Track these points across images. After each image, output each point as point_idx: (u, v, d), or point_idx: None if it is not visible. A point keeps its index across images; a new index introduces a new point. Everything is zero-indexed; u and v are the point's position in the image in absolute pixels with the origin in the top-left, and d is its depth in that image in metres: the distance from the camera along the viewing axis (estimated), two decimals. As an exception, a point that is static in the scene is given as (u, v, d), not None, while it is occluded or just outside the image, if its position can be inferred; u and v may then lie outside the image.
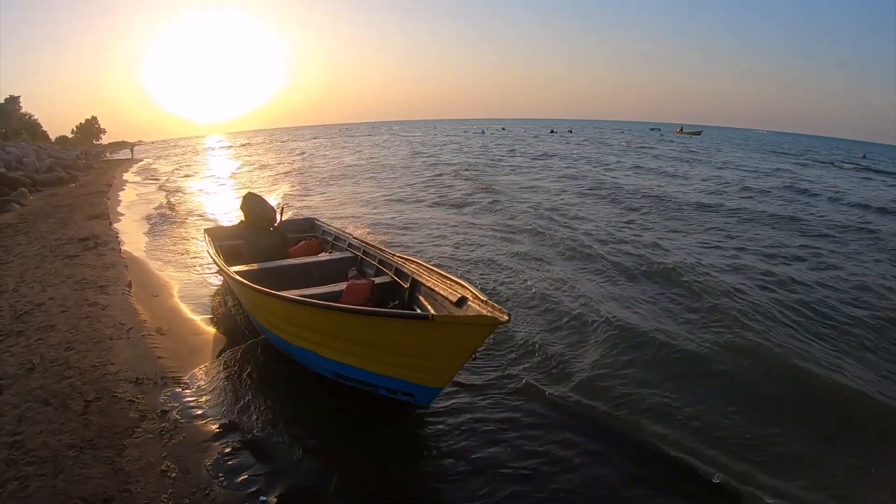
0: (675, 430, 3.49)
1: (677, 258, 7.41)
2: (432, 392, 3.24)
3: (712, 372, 4.29)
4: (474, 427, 3.51)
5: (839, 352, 4.76)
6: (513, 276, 6.78)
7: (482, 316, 2.94)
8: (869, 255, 8.31)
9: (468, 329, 2.83)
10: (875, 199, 15.20)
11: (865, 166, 30.77)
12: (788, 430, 3.55)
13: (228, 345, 4.75)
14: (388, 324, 3.06)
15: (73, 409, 3.50)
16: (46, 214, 12.01)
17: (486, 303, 3.24)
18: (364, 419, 3.56)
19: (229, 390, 3.93)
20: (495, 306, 3.10)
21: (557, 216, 11.11)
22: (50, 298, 5.72)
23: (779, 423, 3.63)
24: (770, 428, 3.56)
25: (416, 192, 15.43)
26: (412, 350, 3.04)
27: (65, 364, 4.14)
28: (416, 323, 2.93)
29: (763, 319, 5.27)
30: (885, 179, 23.20)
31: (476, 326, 2.83)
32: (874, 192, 17.70)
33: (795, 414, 3.76)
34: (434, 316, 2.84)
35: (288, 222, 7.68)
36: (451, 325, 2.85)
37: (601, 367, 4.29)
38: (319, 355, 3.66)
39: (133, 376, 3.99)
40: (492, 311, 3.05)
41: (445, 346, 2.91)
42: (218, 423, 3.47)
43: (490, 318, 2.83)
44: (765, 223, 10.76)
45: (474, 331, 2.84)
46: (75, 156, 35.33)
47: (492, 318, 2.82)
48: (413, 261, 4.87)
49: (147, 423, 3.41)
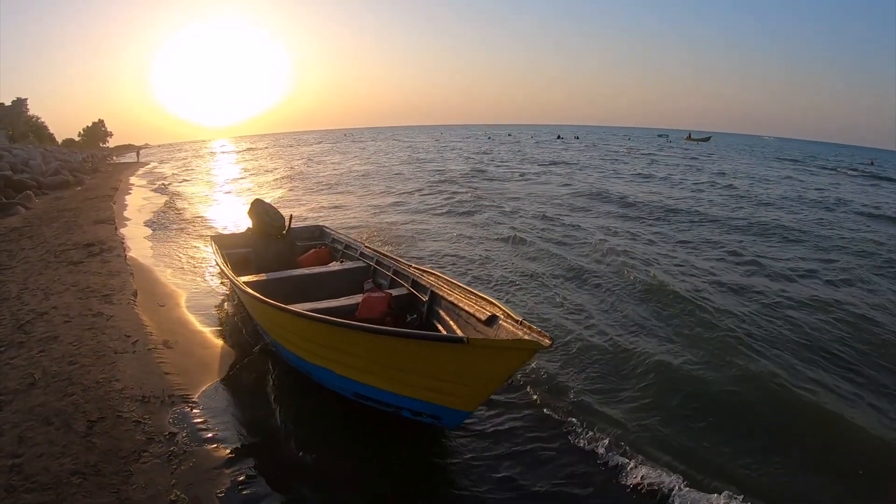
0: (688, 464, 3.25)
1: (688, 278, 7.17)
2: (461, 415, 3.03)
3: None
4: (502, 452, 3.30)
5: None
6: (524, 291, 6.56)
7: (522, 340, 2.72)
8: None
9: (507, 353, 2.61)
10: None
11: (872, 173, 30.31)
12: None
13: (238, 359, 4.56)
14: (417, 346, 2.85)
15: (75, 430, 3.30)
16: (51, 218, 11.88)
17: (521, 323, 3.01)
18: (385, 440, 3.36)
19: (241, 411, 3.73)
20: (533, 327, 2.87)
21: (559, 227, 10.78)
22: (53, 307, 5.54)
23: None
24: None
25: (414, 199, 15.25)
26: (443, 373, 2.82)
27: (67, 379, 3.95)
28: (450, 346, 2.71)
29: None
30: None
31: (515, 351, 2.61)
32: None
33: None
34: (470, 339, 2.60)
35: (296, 230, 7.49)
36: (488, 349, 2.63)
37: (628, 400, 4.02)
38: (338, 374, 3.46)
39: (139, 394, 3.79)
40: (530, 334, 2.82)
41: (480, 370, 2.70)
42: (230, 448, 3.26)
43: (531, 343, 2.60)
44: (774, 234, 10.39)
45: (513, 355, 2.63)
46: (81, 159, 35.31)
47: (533, 343, 2.59)
48: (431, 273, 4.66)
49: (154, 446, 3.20)
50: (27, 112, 62.17)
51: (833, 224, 11.90)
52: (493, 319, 3.33)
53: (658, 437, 3.49)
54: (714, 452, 3.35)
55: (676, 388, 4.11)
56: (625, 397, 4.03)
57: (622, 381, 4.28)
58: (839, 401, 4.04)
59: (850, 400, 4.08)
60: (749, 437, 3.55)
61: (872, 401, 4.08)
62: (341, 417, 3.62)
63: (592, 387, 4.16)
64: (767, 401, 4.00)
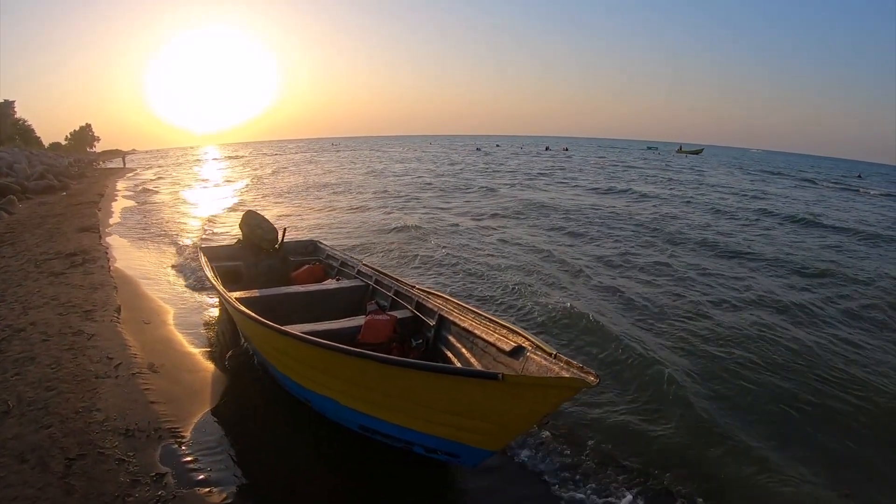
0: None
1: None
2: (483, 454, 2.74)
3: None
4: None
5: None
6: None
7: (564, 378, 2.40)
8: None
9: (546, 392, 2.33)
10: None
11: (858, 188, 30.47)
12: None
13: (231, 385, 4.26)
14: (442, 380, 2.58)
15: (52, 470, 2.98)
16: (34, 225, 11.47)
17: (555, 357, 2.71)
18: (396, 476, 3.11)
19: (235, 446, 3.42)
20: (572, 362, 2.56)
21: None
22: (31, 324, 5.19)
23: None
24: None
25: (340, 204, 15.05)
26: (469, 410, 2.54)
27: (44, 408, 3.62)
28: (481, 382, 2.42)
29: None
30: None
31: (556, 389, 2.32)
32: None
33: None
34: (505, 376, 2.30)
35: (289, 244, 7.22)
36: (524, 387, 2.34)
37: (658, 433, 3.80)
38: (342, 405, 3.18)
39: (122, 426, 3.47)
40: (570, 370, 2.53)
41: (513, 408, 2.41)
42: (225, 492, 2.95)
43: (576, 381, 2.29)
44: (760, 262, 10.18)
45: (553, 394, 2.33)
46: (67, 163, 34.72)
47: (578, 381, 2.28)
48: (438, 294, 4.40)
49: (140, 489, 2.88)
50: (14, 114, 61.21)
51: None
52: (519, 351, 3.04)
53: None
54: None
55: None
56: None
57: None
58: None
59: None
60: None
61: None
62: (345, 453, 3.34)
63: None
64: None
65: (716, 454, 3.53)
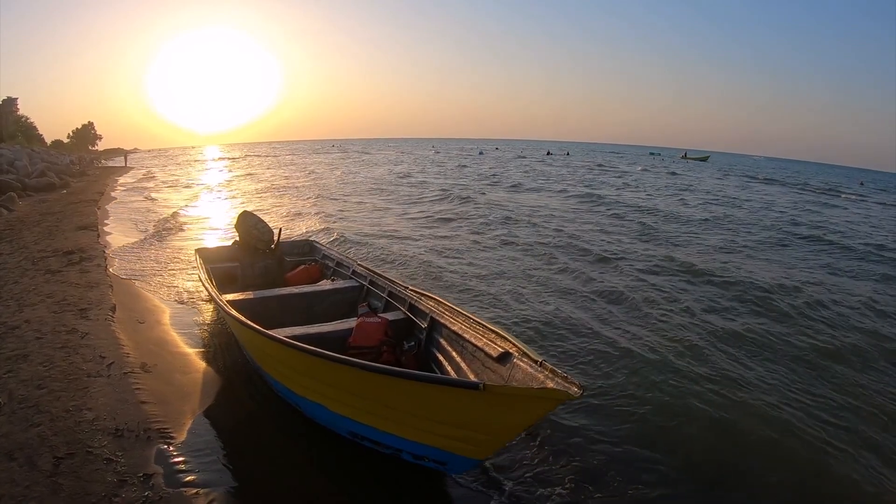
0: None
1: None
2: (469, 463, 2.76)
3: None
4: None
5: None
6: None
7: (547, 389, 2.42)
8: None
9: (528, 403, 2.34)
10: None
11: (862, 195, 30.45)
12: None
13: (223, 388, 4.24)
14: (423, 388, 2.58)
15: (40, 469, 2.98)
16: (34, 222, 11.49)
17: (541, 364, 2.72)
18: (385, 482, 3.10)
19: (225, 449, 3.41)
20: (557, 371, 2.58)
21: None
22: (26, 321, 5.19)
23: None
24: None
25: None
26: (453, 419, 2.55)
27: (35, 406, 3.61)
28: (462, 392, 2.44)
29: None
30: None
31: (538, 400, 2.34)
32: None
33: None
34: (486, 385, 2.31)
35: (285, 244, 7.23)
36: (506, 397, 2.35)
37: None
38: (333, 411, 3.18)
39: (112, 426, 3.46)
40: (555, 380, 2.54)
41: (496, 418, 2.42)
42: (212, 494, 2.94)
43: (558, 392, 2.30)
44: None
45: (536, 405, 2.35)
46: (69, 161, 34.74)
47: (560, 392, 2.29)
48: (431, 297, 4.41)
49: (127, 490, 2.87)
50: (16, 112, 61.27)
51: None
52: (506, 357, 3.05)
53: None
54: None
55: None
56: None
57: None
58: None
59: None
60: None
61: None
62: (336, 457, 3.33)
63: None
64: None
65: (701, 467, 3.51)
